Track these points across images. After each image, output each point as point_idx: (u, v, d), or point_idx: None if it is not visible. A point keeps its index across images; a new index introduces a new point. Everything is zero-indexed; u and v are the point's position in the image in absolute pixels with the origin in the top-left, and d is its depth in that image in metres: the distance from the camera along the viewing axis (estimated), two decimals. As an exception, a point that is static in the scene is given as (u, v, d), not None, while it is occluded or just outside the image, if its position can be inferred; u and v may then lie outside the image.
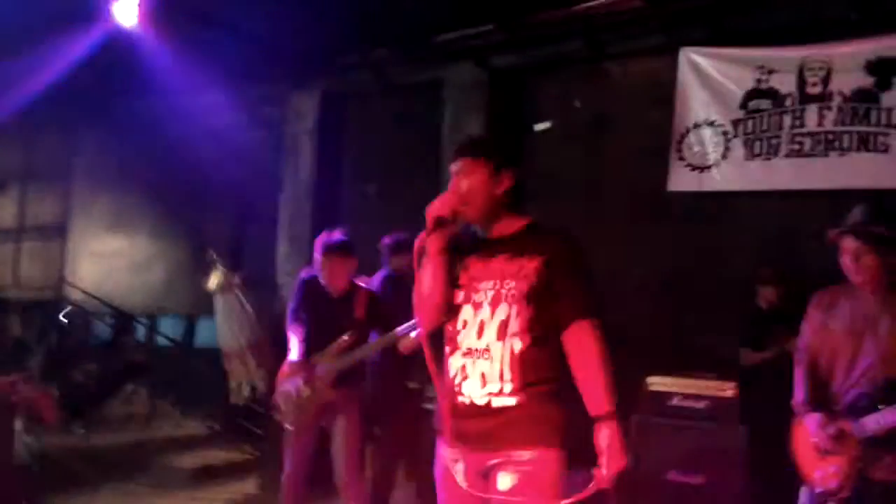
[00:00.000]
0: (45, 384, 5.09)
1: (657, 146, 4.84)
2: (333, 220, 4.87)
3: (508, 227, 2.16)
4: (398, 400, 4.02)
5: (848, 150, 4.28)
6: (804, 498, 2.62)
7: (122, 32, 5.12)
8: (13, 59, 5.47)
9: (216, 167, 6.31)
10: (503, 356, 2.06)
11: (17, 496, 3.56)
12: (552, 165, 5.23)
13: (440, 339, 2.18)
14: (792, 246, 4.47)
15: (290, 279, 5.41)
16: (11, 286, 8.29)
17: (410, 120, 6.00)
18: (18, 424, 3.70)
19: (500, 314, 2.08)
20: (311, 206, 6.27)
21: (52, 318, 7.15)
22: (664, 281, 4.84)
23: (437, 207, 2.09)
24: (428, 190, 5.47)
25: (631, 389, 3.72)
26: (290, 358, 3.52)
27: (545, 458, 2.01)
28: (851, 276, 2.56)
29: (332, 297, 3.59)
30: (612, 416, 1.98)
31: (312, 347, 3.49)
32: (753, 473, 3.68)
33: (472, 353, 2.10)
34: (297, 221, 6.27)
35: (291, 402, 3.47)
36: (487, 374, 2.06)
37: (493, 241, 2.16)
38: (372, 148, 6.28)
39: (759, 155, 4.55)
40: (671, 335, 4.71)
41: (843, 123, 4.30)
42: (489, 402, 2.05)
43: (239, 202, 6.90)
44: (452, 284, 2.14)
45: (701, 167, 4.74)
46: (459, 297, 2.14)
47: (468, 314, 2.12)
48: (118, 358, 6.80)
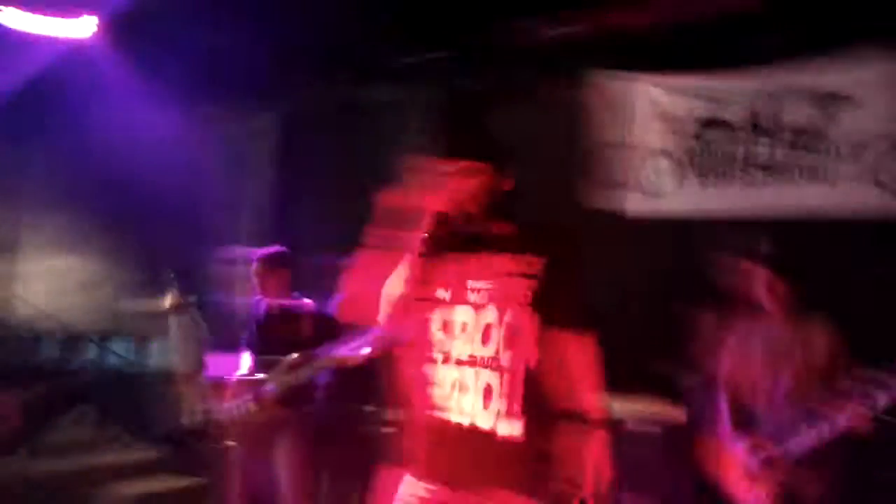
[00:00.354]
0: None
1: (610, 173, 4.91)
2: (292, 241, 4.82)
3: (505, 227, 1.96)
4: (352, 424, 3.98)
5: (797, 180, 4.41)
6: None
7: (75, 48, 5.03)
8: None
9: (171, 186, 6.21)
10: (517, 368, 1.79)
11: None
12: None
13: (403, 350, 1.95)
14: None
15: (242, 301, 5.35)
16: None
17: (369, 141, 5.99)
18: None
19: (508, 318, 1.82)
20: (269, 226, 6.20)
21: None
22: (619, 304, 4.89)
23: (440, 203, 1.88)
24: (362, 211, 5.56)
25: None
26: (234, 377, 3.47)
27: None
28: (765, 304, 2.67)
29: (277, 314, 3.55)
30: (602, 424, 1.86)
31: (258, 366, 3.45)
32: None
33: (474, 361, 1.81)
34: (251, 243, 6.19)
35: (236, 420, 3.41)
36: (496, 388, 1.78)
37: (489, 238, 1.95)
38: (330, 169, 6.25)
39: (712, 184, 4.66)
40: (625, 359, 4.74)
41: (792, 154, 4.42)
42: (494, 425, 1.76)
43: (193, 222, 6.79)
44: (430, 281, 1.89)
45: (654, 195, 4.83)
46: (444, 295, 1.88)
47: (465, 316, 1.85)
48: (66, 379, 6.60)
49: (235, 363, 3.59)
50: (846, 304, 3.30)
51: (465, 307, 1.86)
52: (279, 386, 3.38)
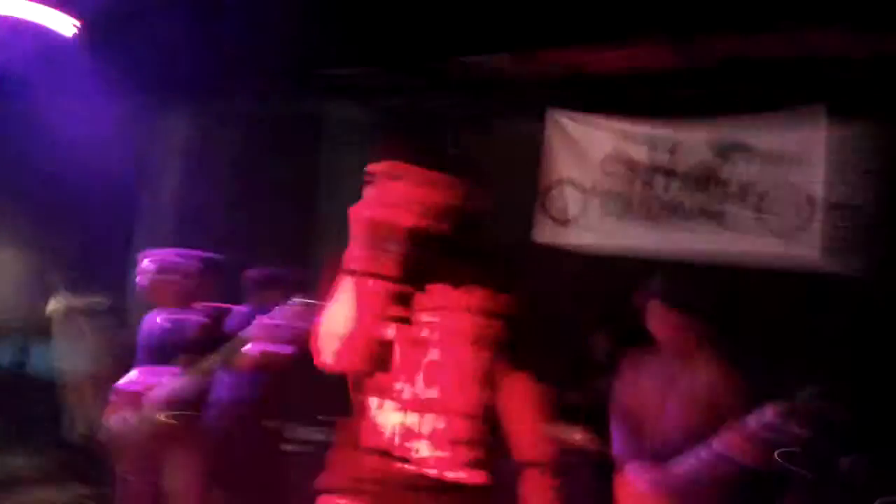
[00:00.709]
0: None
1: (524, 200, 5.10)
2: (194, 247, 4.69)
3: (469, 255, 1.76)
4: (254, 441, 3.88)
5: (690, 217, 4.71)
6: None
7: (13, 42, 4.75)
8: None
9: (69, 182, 5.88)
10: (466, 412, 1.68)
11: None
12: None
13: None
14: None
15: (141, 308, 5.14)
16: None
17: (285, 152, 5.92)
18: None
19: (458, 355, 1.69)
20: (171, 231, 5.98)
21: None
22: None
23: (411, 218, 1.63)
24: (299, 224, 5.52)
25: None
26: (119, 388, 3.33)
27: None
28: (663, 339, 2.86)
29: (166, 322, 3.45)
30: (556, 469, 1.78)
31: (150, 376, 3.33)
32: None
33: (419, 405, 1.67)
34: (154, 246, 5.95)
35: (119, 435, 3.27)
36: (444, 434, 1.65)
37: (451, 265, 1.73)
38: (242, 176, 6.13)
39: (612, 214, 4.92)
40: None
41: (686, 193, 4.74)
42: (445, 473, 1.64)
43: (91, 221, 6.45)
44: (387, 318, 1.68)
45: (562, 221, 5.04)
46: (390, 332, 1.69)
47: (412, 354, 1.68)
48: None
49: (131, 373, 3.44)
50: (738, 341, 3.58)
51: (413, 344, 1.69)
52: (165, 393, 3.24)
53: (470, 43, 4.79)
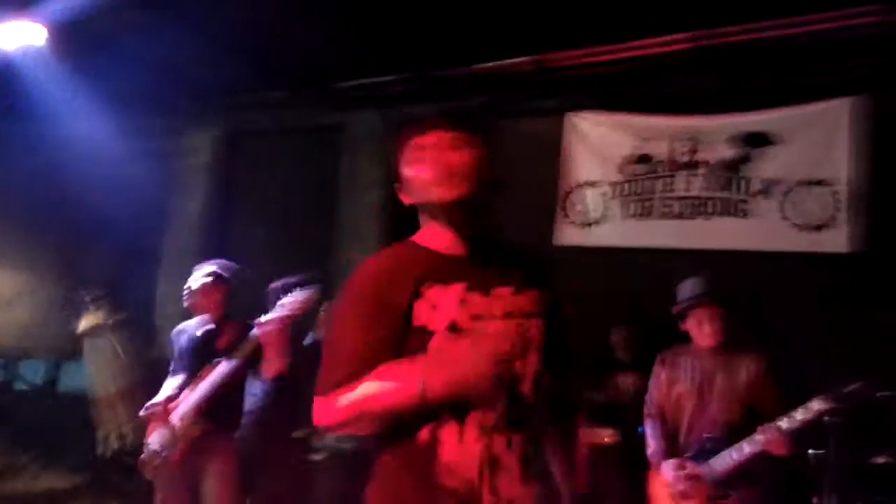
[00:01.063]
0: None
1: (545, 202, 5.08)
2: (222, 259, 4.74)
3: (482, 243, 1.59)
4: (281, 450, 3.89)
5: (713, 214, 4.68)
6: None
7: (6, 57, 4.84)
8: None
9: (97, 199, 5.99)
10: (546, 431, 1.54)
11: None
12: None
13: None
14: (666, 299, 4.77)
15: (171, 322, 5.20)
16: None
17: (307, 163, 5.98)
18: None
19: (533, 367, 1.52)
20: (198, 245, 6.06)
21: None
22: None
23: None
24: (321, 235, 5.56)
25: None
26: (156, 403, 3.34)
27: None
28: (703, 339, 2.86)
29: (196, 336, 3.46)
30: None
31: (181, 390, 3.34)
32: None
33: (504, 428, 1.45)
34: (182, 261, 6.01)
35: (157, 454, 3.28)
36: (530, 459, 1.47)
37: (472, 261, 1.56)
38: (266, 189, 6.20)
39: (634, 215, 4.88)
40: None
41: (709, 190, 4.70)
42: None
43: (119, 238, 6.55)
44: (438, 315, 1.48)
45: (584, 224, 5.01)
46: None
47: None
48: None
49: (164, 388, 3.47)
50: (771, 333, 3.53)
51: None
52: (194, 399, 3.24)
53: (488, 48, 4.80)
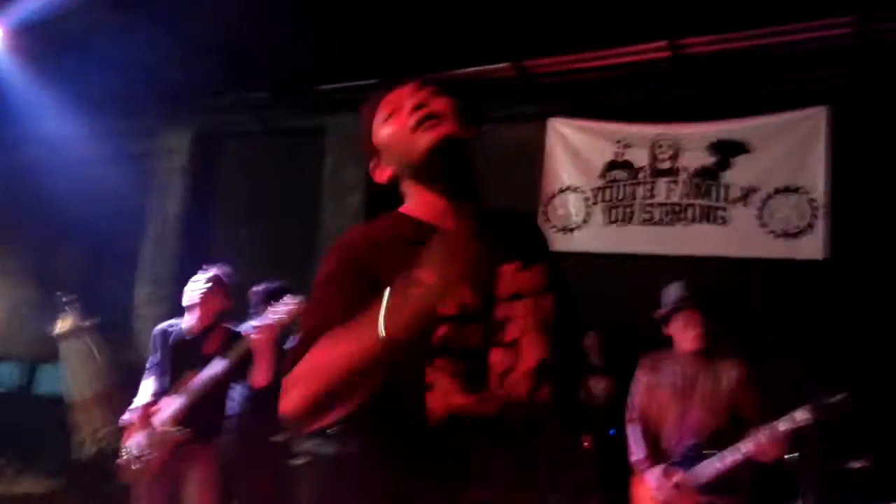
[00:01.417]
0: None
1: (526, 208, 5.10)
2: (201, 262, 4.68)
3: (475, 211, 1.33)
4: (261, 455, 3.87)
5: (693, 220, 4.72)
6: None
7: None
8: None
9: (72, 201, 5.91)
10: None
11: None
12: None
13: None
14: (645, 304, 4.81)
15: (148, 325, 5.14)
16: None
17: (288, 165, 5.95)
18: None
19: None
20: (176, 247, 6.00)
21: None
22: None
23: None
24: (303, 237, 5.53)
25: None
26: (131, 410, 3.31)
27: None
28: (685, 343, 2.88)
29: (185, 339, 3.44)
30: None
31: (161, 393, 3.32)
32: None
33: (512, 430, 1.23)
34: (159, 263, 5.98)
35: (136, 458, 3.25)
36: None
37: (489, 228, 1.23)
38: (246, 190, 6.15)
39: (615, 221, 4.92)
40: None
41: (688, 197, 4.75)
42: None
43: (95, 240, 6.47)
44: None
45: (565, 229, 5.04)
46: (476, 333, 1.23)
47: (503, 358, 1.25)
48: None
49: (143, 389, 3.43)
50: (749, 338, 3.58)
51: (499, 346, 1.25)
52: (177, 405, 3.22)
53: (469, 54, 4.82)
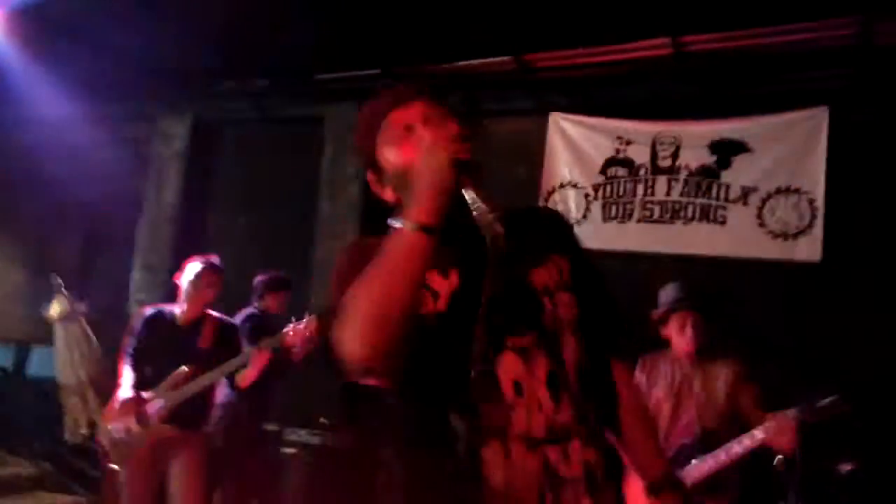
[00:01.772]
0: None
1: (524, 202, 5.07)
2: (196, 248, 4.67)
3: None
4: (252, 443, 3.87)
5: (691, 219, 4.71)
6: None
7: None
8: None
9: (68, 185, 5.88)
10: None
11: None
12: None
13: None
14: (642, 302, 4.81)
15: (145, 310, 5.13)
16: None
17: (286, 154, 5.92)
18: None
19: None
20: (172, 232, 5.97)
21: None
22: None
23: (458, 150, 1.18)
24: (300, 226, 5.50)
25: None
26: (119, 394, 3.29)
27: None
28: (682, 344, 2.88)
29: (177, 327, 3.41)
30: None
31: (151, 382, 3.29)
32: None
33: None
34: (155, 248, 5.96)
35: (119, 442, 3.24)
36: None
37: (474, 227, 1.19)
38: (244, 178, 6.12)
39: (614, 217, 4.90)
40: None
41: (687, 195, 4.73)
42: None
43: (90, 224, 6.44)
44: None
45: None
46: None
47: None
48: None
49: (126, 375, 3.40)
50: (745, 339, 3.57)
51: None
52: (169, 401, 3.21)
53: (470, 46, 4.79)
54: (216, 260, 3.56)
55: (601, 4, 4.10)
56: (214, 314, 3.50)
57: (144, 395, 3.26)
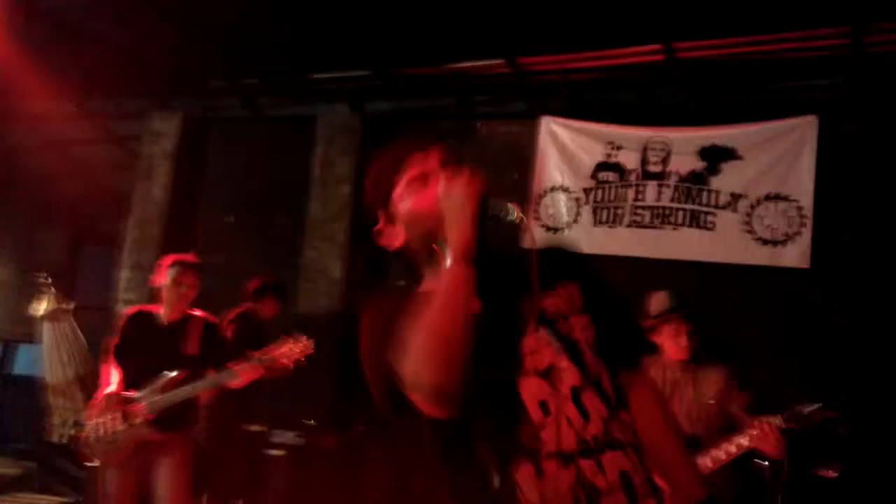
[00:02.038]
0: None
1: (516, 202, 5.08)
2: (185, 247, 4.64)
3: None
4: (237, 444, 3.85)
5: (680, 225, 4.73)
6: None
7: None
8: None
9: (56, 183, 5.83)
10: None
11: None
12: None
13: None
14: (631, 307, 4.82)
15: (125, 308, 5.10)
16: None
17: (277, 153, 5.90)
18: None
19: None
20: (161, 231, 5.93)
21: None
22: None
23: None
24: (290, 226, 5.49)
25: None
26: (104, 391, 3.27)
27: None
28: (674, 352, 2.90)
29: (161, 328, 3.38)
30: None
31: (135, 382, 3.26)
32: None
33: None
34: (143, 247, 5.91)
35: (102, 438, 3.21)
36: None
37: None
38: (234, 177, 6.09)
39: (604, 222, 4.92)
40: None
41: (677, 201, 4.75)
42: None
43: (78, 222, 6.40)
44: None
45: (554, 228, 5.03)
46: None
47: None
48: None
49: (110, 375, 3.37)
50: (736, 345, 3.59)
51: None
52: (152, 406, 3.19)
53: (463, 48, 4.79)
54: (192, 258, 3.52)
55: (594, 10, 4.11)
56: (198, 314, 3.47)
57: (129, 393, 3.23)
